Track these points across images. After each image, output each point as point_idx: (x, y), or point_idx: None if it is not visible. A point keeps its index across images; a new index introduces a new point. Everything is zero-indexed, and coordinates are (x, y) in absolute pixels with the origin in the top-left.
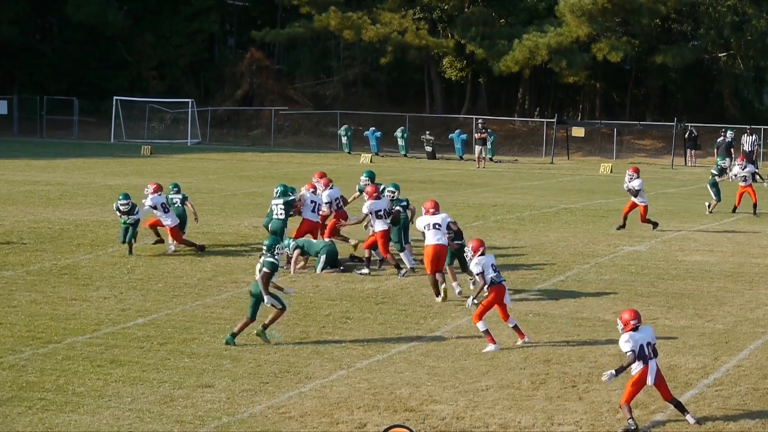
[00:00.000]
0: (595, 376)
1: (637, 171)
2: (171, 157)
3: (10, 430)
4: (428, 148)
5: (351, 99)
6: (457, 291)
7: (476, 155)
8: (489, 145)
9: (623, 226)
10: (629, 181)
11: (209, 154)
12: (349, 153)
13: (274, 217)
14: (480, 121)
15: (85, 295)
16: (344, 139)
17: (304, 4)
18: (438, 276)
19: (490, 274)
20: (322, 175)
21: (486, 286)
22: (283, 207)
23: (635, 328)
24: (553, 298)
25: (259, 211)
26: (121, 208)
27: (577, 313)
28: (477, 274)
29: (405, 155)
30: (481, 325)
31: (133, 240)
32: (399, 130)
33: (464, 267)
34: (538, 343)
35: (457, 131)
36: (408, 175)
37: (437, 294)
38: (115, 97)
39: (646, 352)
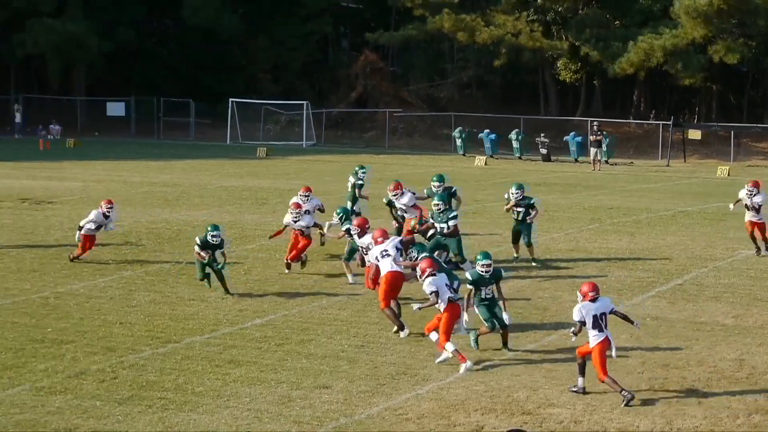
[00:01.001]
0: (714, 380)
1: (757, 185)
2: (286, 159)
3: (130, 428)
4: (543, 151)
5: (465, 101)
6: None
7: (592, 157)
8: (605, 148)
9: (759, 250)
10: (750, 197)
11: (324, 155)
12: (463, 155)
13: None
14: (595, 123)
15: (203, 296)
16: (459, 142)
17: (417, 6)
18: (394, 305)
19: (447, 294)
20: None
21: (442, 305)
22: None
23: (593, 299)
24: (671, 302)
25: (375, 213)
26: (211, 240)
27: (695, 317)
28: (431, 293)
29: (520, 157)
30: (449, 346)
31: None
32: (514, 132)
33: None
34: (657, 348)
35: (572, 133)
36: (523, 178)
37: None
38: (230, 99)
39: (600, 322)
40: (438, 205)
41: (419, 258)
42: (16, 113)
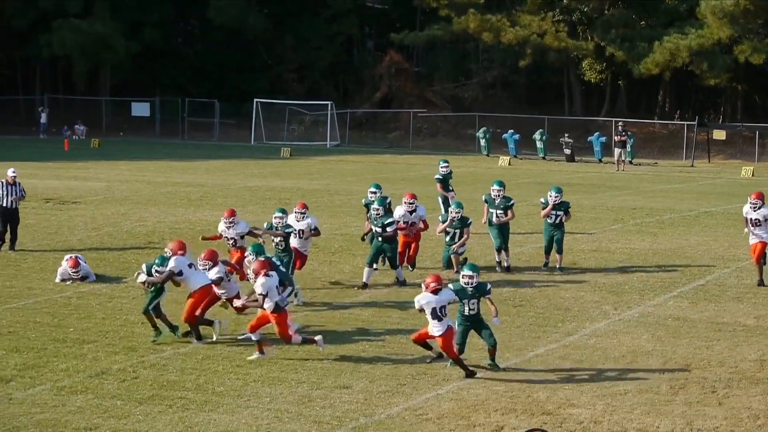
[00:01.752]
0: (735, 381)
1: (761, 197)
2: (310, 159)
3: (151, 428)
4: (567, 151)
5: (489, 101)
6: None
7: (616, 158)
8: (629, 148)
9: (763, 282)
10: (754, 210)
11: (348, 156)
12: (487, 155)
13: None
14: (620, 123)
15: None
16: (483, 142)
17: (443, 7)
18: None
19: (276, 298)
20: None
21: (268, 306)
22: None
23: (435, 291)
24: (693, 302)
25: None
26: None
27: (717, 317)
28: (260, 295)
29: (543, 158)
30: (254, 336)
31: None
32: (537, 132)
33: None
34: (678, 348)
35: (596, 134)
36: (546, 178)
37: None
38: (255, 100)
39: (438, 313)
40: (378, 210)
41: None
42: (41, 114)
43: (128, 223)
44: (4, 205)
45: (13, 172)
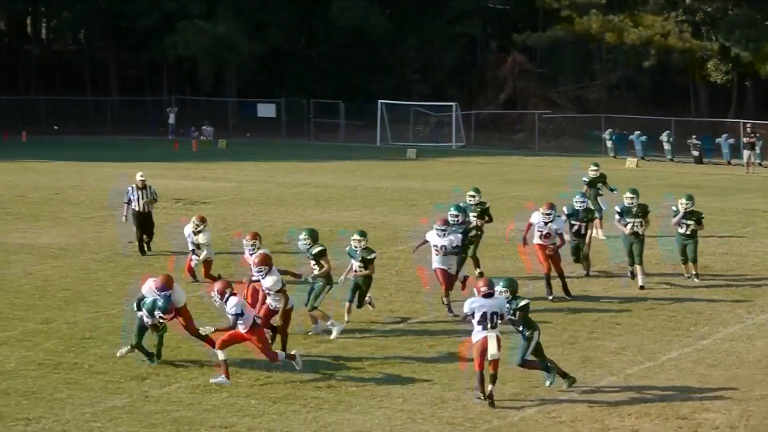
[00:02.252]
0: None
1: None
2: (435, 160)
3: (285, 427)
4: (695, 153)
5: (614, 102)
6: None
7: (745, 160)
8: (758, 150)
9: None
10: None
11: (473, 157)
12: (614, 157)
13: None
14: (748, 125)
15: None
16: (609, 143)
17: (565, 7)
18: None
19: (252, 315)
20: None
21: (242, 327)
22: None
23: (486, 295)
24: None
25: (524, 214)
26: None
27: None
28: (234, 315)
29: (671, 160)
30: (221, 354)
31: None
32: (665, 134)
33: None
34: None
35: (724, 135)
36: (675, 180)
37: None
38: (379, 101)
39: (487, 320)
40: (456, 216)
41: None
42: (169, 114)
43: (257, 224)
44: (137, 209)
45: (142, 176)
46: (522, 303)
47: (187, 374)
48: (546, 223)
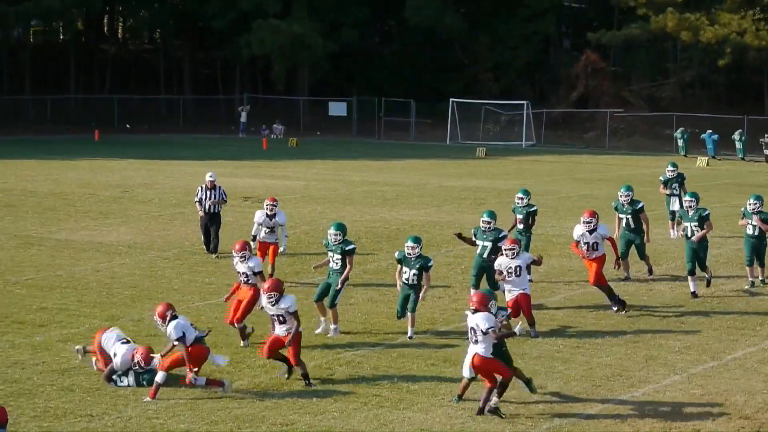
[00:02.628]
0: None
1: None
2: (505, 159)
3: (346, 425)
4: (767, 152)
5: (687, 101)
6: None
7: None
8: None
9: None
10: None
11: (543, 156)
12: (684, 156)
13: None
14: None
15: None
16: (680, 142)
17: (641, 6)
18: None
19: (194, 334)
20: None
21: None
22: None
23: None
24: None
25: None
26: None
27: None
28: (177, 338)
29: (742, 159)
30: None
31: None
32: (737, 133)
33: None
34: None
35: None
36: (745, 179)
37: None
38: (451, 100)
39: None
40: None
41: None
42: (241, 113)
43: (325, 222)
44: (206, 209)
45: (211, 176)
46: None
47: (250, 372)
48: (590, 232)
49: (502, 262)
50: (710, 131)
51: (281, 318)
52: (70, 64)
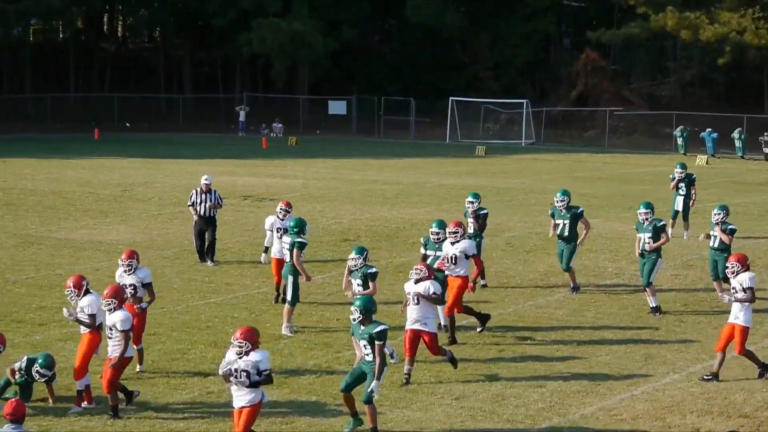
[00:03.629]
0: None
1: None
2: (505, 158)
3: (345, 422)
4: (766, 150)
5: (687, 99)
6: None
7: None
8: None
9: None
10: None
11: (543, 154)
12: (684, 154)
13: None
14: None
15: None
16: (680, 141)
17: (640, 4)
18: None
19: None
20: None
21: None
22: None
23: None
24: None
25: (589, 213)
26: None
27: None
28: (89, 315)
29: (742, 157)
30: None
31: None
32: (736, 131)
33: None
34: None
35: None
36: (744, 177)
37: None
38: (450, 98)
39: None
40: (437, 233)
41: None
42: (240, 112)
43: (324, 221)
44: (201, 213)
45: (207, 179)
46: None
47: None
48: (452, 244)
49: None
50: (710, 129)
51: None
52: (70, 63)
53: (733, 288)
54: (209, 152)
